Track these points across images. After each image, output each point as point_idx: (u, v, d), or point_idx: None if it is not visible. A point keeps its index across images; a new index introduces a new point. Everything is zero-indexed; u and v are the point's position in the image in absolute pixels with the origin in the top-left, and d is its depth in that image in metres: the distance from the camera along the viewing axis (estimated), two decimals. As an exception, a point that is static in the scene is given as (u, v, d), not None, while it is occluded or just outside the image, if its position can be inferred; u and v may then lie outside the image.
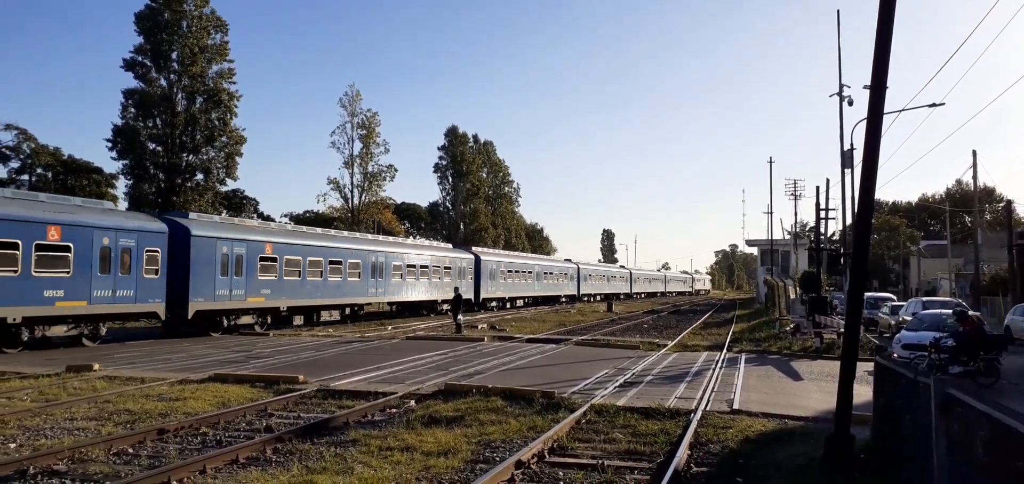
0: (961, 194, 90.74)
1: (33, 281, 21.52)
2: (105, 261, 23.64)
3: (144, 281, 25.09)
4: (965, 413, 6.62)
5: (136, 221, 25.97)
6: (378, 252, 38.39)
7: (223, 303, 28.27)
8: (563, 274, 70.17)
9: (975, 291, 46.90)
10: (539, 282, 62.13)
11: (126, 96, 52.55)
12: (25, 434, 10.82)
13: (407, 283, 40.85)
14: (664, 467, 9.15)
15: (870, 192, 9.58)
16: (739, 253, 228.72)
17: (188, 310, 26.59)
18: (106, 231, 23.94)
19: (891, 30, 9.19)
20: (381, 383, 16.09)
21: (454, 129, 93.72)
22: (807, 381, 18.40)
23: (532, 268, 61.66)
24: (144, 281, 25.09)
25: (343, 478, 8.56)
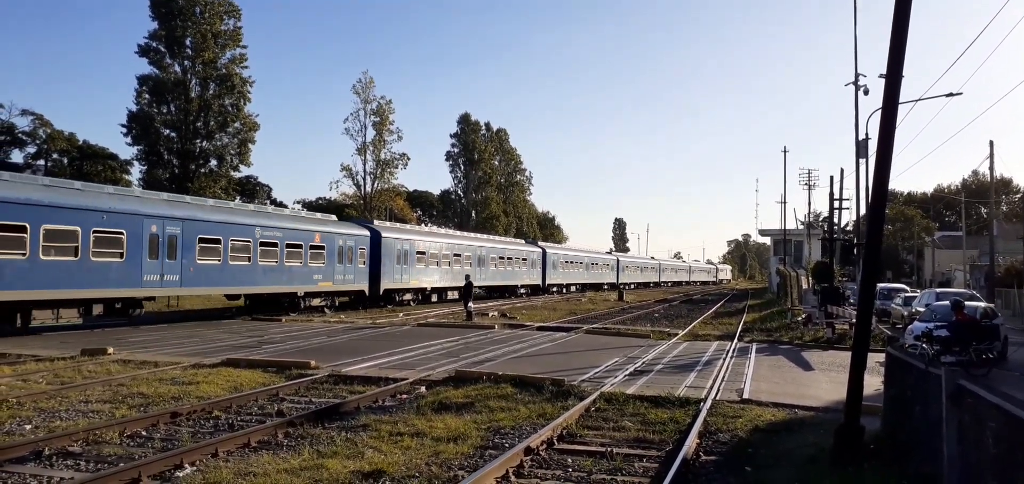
0: (977, 185, 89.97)
1: (308, 269, 33.18)
2: (341, 255, 35.42)
3: (360, 269, 36.82)
4: (976, 404, 6.60)
5: (357, 229, 38.32)
6: (482, 247, 49.97)
7: (397, 283, 39.78)
8: (606, 265, 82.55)
9: (990, 283, 46.55)
10: (587, 271, 73.66)
11: (140, 82, 52.93)
12: (41, 416, 10.97)
13: (500, 271, 51.77)
14: (673, 455, 9.16)
15: (884, 182, 9.51)
16: (752, 243, 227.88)
17: (380, 288, 37.82)
18: (348, 237, 36.50)
19: (908, 18, 9.10)
20: (392, 369, 16.18)
21: (466, 116, 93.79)
22: (818, 371, 18.35)
23: (583, 259, 74.11)
24: (360, 269, 36.82)
25: (354, 462, 8.63)
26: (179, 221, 26.39)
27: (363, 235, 37.58)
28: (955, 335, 17.84)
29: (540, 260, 51.28)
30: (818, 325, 27.68)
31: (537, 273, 49.83)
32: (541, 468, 8.81)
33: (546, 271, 53.19)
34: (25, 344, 19.28)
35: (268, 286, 30.85)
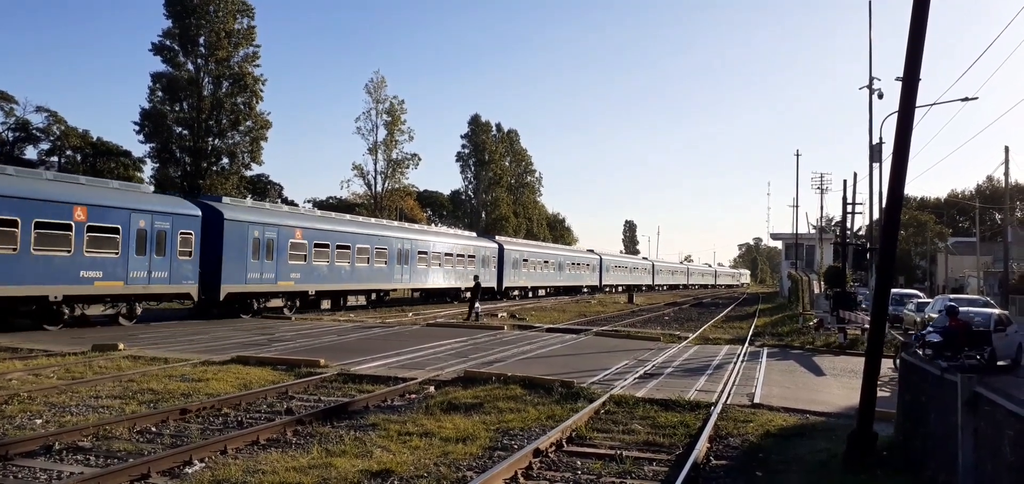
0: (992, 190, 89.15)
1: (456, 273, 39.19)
2: (486, 262, 37.38)
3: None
4: (993, 411, 6.51)
5: (487, 242, 37.37)
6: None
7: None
8: (644, 269, 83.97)
9: (1004, 289, 46.12)
10: (631, 274, 71.70)
11: (154, 79, 53.21)
12: (51, 410, 11.01)
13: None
14: (683, 459, 9.09)
15: (900, 187, 9.42)
16: (763, 246, 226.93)
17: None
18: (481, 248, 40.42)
19: (925, 22, 9.00)
20: (401, 369, 16.16)
21: (477, 117, 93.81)
22: (830, 377, 18.21)
23: (627, 264, 75.14)
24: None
25: (362, 461, 8.60)
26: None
27: (493, 247, 50.38)
28: (946, 340, 17.82)
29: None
30: (830, 330, 27.51)
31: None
32: (550, 470, 8.76)
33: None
34: (37, 339, 19.38)
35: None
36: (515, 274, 54.11)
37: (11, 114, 54.10)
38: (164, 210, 25.49)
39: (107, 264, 23.07)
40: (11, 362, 15.27)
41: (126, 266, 23.69)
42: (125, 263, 23.63)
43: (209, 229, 26.96)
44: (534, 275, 57.98)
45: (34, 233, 20.86)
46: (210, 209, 27.49)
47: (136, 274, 24.03)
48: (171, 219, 25.51)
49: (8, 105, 53.88)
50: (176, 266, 25.55)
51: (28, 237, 20.68)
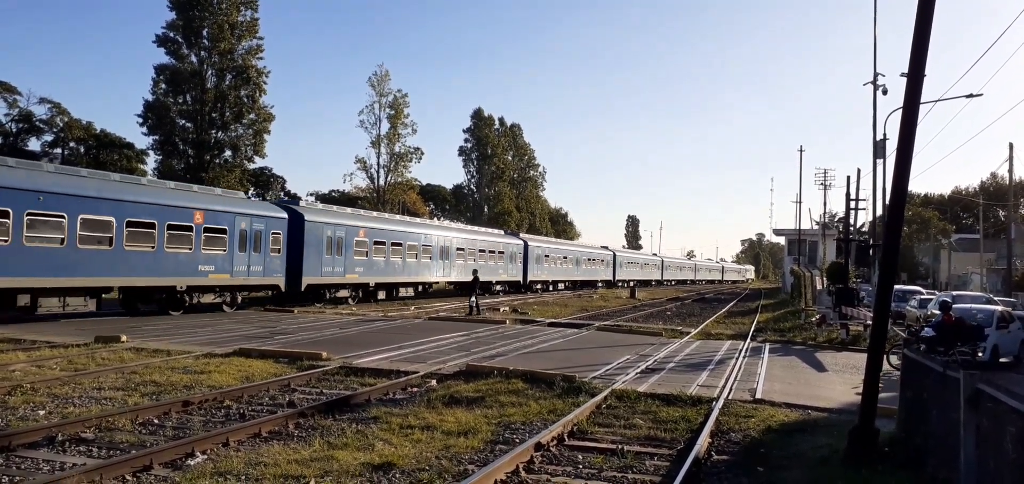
0: (995, 187, 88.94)
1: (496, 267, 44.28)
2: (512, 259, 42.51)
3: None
4: (995, 408, 6.50)
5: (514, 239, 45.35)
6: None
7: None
8: (654, 265, 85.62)
9: (1007, 286, 46.04)
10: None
11: (157, 72, 53.17)
12: (54, 402, 11.03)
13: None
14: (685, 454, 9.09)
15: (903, 183, 9.39)
16: (766, 242, 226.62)
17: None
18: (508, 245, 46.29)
19: (931, 18, 8.96)
20: (403, 362, 16.18)
21: (480, 111, 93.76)
22: (831, 373, 18.21)
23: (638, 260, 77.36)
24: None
25: (364, 454, 8.62)
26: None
27: (519, 244, 55.06)
28: (940, 335, 17.84)
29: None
30: (832, 326, 27.50)
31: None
32: (551, 464, 8.77)
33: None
34: (40, 330, 19.43)
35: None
36: (538, 269, 58.05)
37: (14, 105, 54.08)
38: (259, 214, 29.60)
39: (217, 260, 27.13)
40: (14, 353, 15.33)
41: (231, 261, 27.70)
42: (231, 259, 27.66)
43: (293, 230, 31.00)
44: (555, 270, 61.94)
45: (166, 234, 24.92)
46: (294, 213, 31.66)
47: (239, 268, 28.04)
48: (265, 222, 29.55)
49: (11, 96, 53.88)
50: (268, 261, 29.56)
51: (162, 237, 24.78)
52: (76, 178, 23.68)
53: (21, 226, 20.58)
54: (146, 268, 24.31)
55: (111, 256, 23.16)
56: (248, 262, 28.40)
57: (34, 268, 20.99)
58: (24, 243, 20.67)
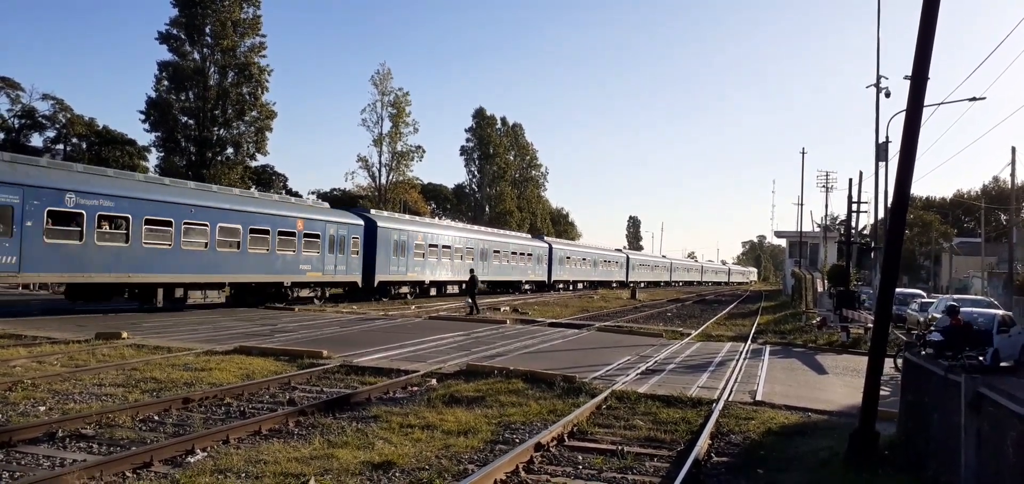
0: (997, 191, 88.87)
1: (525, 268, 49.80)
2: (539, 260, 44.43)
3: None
4: (996, 412, 6.49)
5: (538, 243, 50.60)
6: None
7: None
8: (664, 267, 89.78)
9: (1008, 290, 45.97)
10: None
11: (160, 68, 53.21)
12: (55, 398, 11.04)
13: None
14: (685, 455, 9.08)
15: (906, 186, 9.39)
16: (767, 244, 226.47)
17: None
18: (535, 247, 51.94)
19: (935, 21, 8.95)
20: (403, 361, 16.18)
21: (482, 111, 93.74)
22: (832, 375, 18.19)
23: (649, 262, 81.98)
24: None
25: (364, 453, 8.61)
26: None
27: (543, 247, 59.42)
28: (947, 340, 17.75)
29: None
30: (833, 329, 27.46)
31: (623, 272, 68.42)
32: (551, 464, 8.76)
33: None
34: (41, 326, 19.45)
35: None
36: (561, 270, 62.98)
37: (17, 101, 54.20)
38: (343, 221, 34.46)
39: (313, 260, 31.97)
40: (15, 349, 15.33)
41: (323, 262, 32.61)
42: (322, 260, 32.55)
43: (368, 235, 35.95)
44: (576, 271, 67.23)
45: (277, 239, 29.82)
46: (369, 220, 36.64)
47: (328, 267, 32.97)
48: (347, 228, 34.44)
49: (14, 92, 53.98)
50: (349, 261, 34.48)
51: (274, 242, 29.73)
52: (214, 194, 28.95)
53: (180, 234, 25.46)
54: (262, 267, 29.38)
55: (239, 257, 28.21)
56: (335, 262, 33.43)
57: (188, 267, 26.02)
58: (181, 247, 25.61)
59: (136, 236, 23.93)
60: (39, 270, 21.71)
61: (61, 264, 21.95)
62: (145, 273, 24.48)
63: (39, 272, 21.95)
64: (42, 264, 21.39)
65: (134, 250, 23.92)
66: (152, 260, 24.60)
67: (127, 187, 24.65)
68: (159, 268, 24.90)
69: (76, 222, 22.21)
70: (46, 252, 21.33)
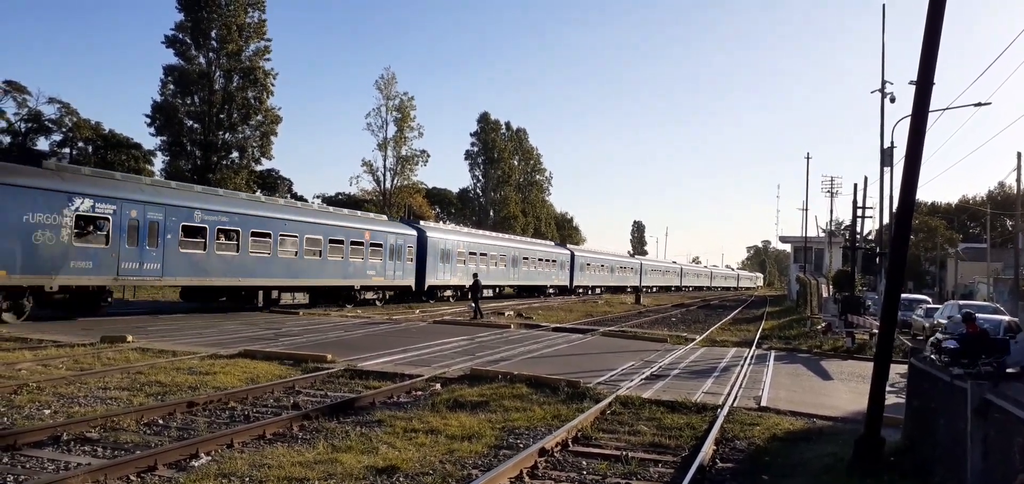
0: (1003, 196, 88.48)
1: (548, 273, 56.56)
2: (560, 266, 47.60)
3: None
4: (1003, 418, 6.45)
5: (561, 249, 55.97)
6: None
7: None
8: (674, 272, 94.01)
9: (1014, 296, 45.79)
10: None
11: (166, 72, 53.35)
12: (59, 401, 11.06)
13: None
14: (689, 461, 9.06)
15: (911, 192, 9.35)
16: (772, 249, 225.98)
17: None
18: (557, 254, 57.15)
19: (940, 26, 8.93)
20: (407, 365, 16.17)
21: (486, 116, 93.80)
22: (837, 381, 18.13)
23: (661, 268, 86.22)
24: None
25: (368, 457, 8.61)
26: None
27: (565, 254, 64.58)
28: (963, 347, 17.62)
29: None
30: (838, 334, 27.38)
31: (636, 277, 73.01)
32: (555, 470, 8.74)
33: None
34: (47, 330, 19.50)
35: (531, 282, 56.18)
36: (581, 275, 67.42)
37: (24, 105, 54.41)
38: (400, 232, 39.32)
39: (376, 266, 36.27)
40: (20, 352, 15.37)
41: (385, 268, 36.95)
42: (384, 266, 36.88)
43: (420, 244, 40.48)
44: (594, 276, 71.85)
45: (350, 248, 34.03)
46: (420, 231, 41.17)
47: (389, 273, 37.30)
48: (404, 238, 39.11)
49: (21, 96, 54.18)
50: (405, 267, 39.09)
51: (347, 251, 33.90)
52: (300, 209, 34.41)
53: (276, 244, 29.51)
54: (338, 273, 33.57)
55: (320, 264, 32.39)
56: (394, 269, 37.81)
57: (281, 273, 30.20)
58: (277, 256, 29.68)
59: (244, 246, 28.10)
60: (175, 275, 25.62)
61: (190, 270, 26.00)
62: (251, 278, 28.76)
63: (175, 276, 25.79)
64: (177, 270, 25.45)
65: (243, 258, 28.13)
66: (256, 267, 28.86)
67: (237, 204, 29.13)
68: (261, 274, 29.16)
69: (201, 235, 26.28)
70: (180, 260, 25.42)
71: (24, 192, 20.72)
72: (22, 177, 21.04)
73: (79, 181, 23.03)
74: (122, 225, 23.28)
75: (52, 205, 21.32)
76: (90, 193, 22.53)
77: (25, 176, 21.18)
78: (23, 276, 20.71)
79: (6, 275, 20.31)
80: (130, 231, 23.54)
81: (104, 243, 22.84)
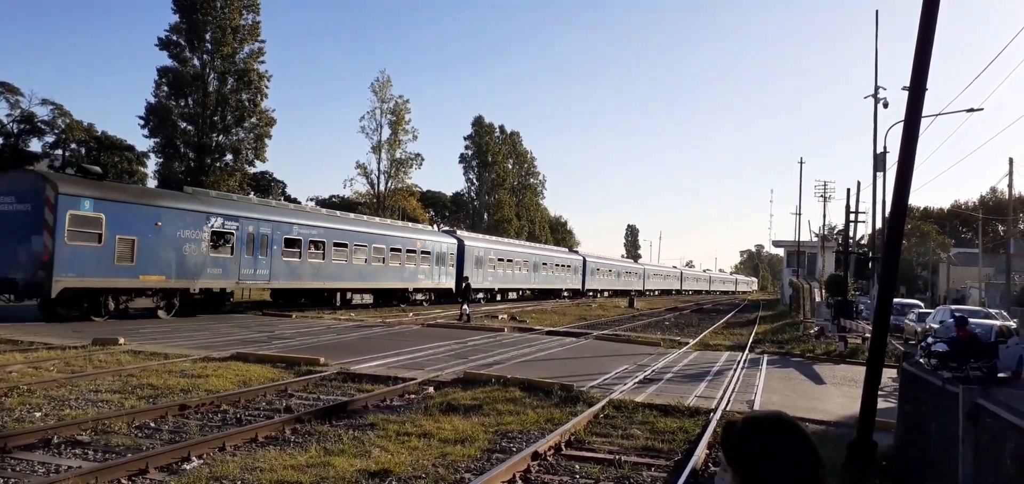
0: (995, 202, 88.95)
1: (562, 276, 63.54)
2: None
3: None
4: (994, 423, 6.47)
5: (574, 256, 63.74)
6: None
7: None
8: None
9: (1006, 301, 45.98)
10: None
11: (160, 74, 53.15)
12: (50, 404, 11.00)
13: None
14: (682, 465, 9.07)
15: (904, 197, 9.39)
16: (765, 253, 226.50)
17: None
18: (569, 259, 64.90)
19: (933, 33, 8.97)
20: (400, 368, 16.14)
21: (480, 119, 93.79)
22: (830, 385, 18.17)
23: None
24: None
25: (360, 461, 8.59)
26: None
27: (578, 260, 69.50)
28: (954, 350, 17.69)
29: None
30: (830, 338, 27.44)
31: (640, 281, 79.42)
32: (548, 473, 8.74)
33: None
34: (38, 332, 19.40)
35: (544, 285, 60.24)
36: (592, 279, 71.84)
37: (17, 106, 54.14)
38: (443, 241, 44.64)
39: (426, 271, 41.56)
40: (11, 354, 15.29)
41: (432, 273, 42.20)
42: (432, 271, 42.11)
43: (459, 252, 45.52)
44: (603, 280, 76.46)
45: (405, 255, 39.45)
46: (459, 240, 46.45)
47: (435, 277, 42.18)
48: (447, 246, 44.32)
49: (14, 97, 53.92)
50: (449, 272, 43.90)
51: (401, 257, 39.08)
52: (365, 221, 39.67)
53: (351, 253, 34.83)
54: (396, 277, 39.00)
55: (382, 269, 37.55)
56: (440, 274, 42.88)
57: (353, 277, 35.50)
58: (351, 263, 34.95)
59: (328, 256, 33.24)
60: (278, 279, 30.71)
61: (289, 275, 31.22)
62: (332, 282, 34.02)
63: (279, 281, 30.88)
64: (280, 275, 30.64)
65: (327, 265, 33.24)
66: (336, 272, 33.97)
67: (322, 219, 34.79)
68: (339, 278, 34.30)
69: (297, 246, 31.36)
70: (282, 266, 30.55)
71: (179, 213, 25.70)
72: (177, 202, 26.32)
73: (211, 203, 28.13)
74: (242, 239, 28.27)
75: (196, 223, 26.30)
76: (220, 213, 27.50)
77: (179, 200, 26.52)
78: (177, 280, 25.66)
79: (165, 279, 25.18)
80: (248, 243, 28.55)
81: (230, 253, 27.76)
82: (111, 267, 23.38)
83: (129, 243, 23.81)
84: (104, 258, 23.16)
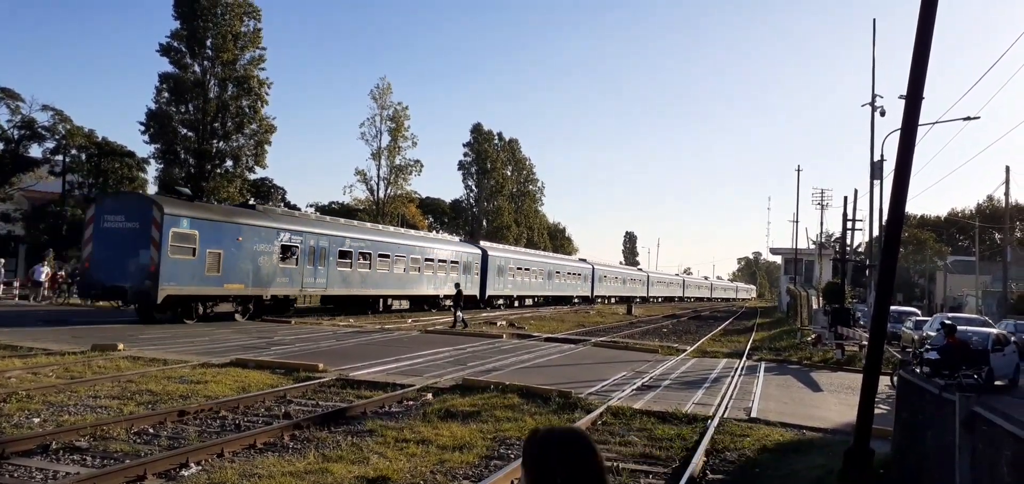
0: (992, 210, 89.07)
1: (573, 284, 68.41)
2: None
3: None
4: (991, 431, 6.50)
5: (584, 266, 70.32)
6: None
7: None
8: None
9: (1003, 309, 46.06)
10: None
11: (161, 80, 53.10)
12: (49, 409, 11.00)
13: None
14: (680, 473, 9.09)
15: (901, 205, 9.43)
16: (762, 261, 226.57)
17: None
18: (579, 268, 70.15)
19: (930, 41, 9.02)
20: (399, 375, 16.15)
21: (479, 126, 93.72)
22: (827, 393, 18.19)
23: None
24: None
25: (359, 467, 8.60)
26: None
27: (587, 268, 72.84)
28: (944, 358, 17.74)
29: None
30: (828, 346, 27.48)
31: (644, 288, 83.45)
32: (546, 480, 8.73)
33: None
34: (37, 337, 19.39)
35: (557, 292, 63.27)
36: (600, 286, 75.34)
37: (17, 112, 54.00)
38: (471, 251, 48.42)
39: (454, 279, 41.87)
40: (10, 360, 15.27)
41: (461, 279, 42.75)
42: (461, 277, 43.15)
43: (483, 261, 48.92)
44: (611, 287, 80.00)
45: (437, 265, 42.58)
46: (483, 250, 50.08)
47: (463, 284, 41.06)
48: (473, 256, 47.97)
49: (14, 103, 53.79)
50: (474, 280, 47.32)
51: (434, 268, 42.21)
52: (404, 233, 43.77)
53: (392, 264, 37.95)
54: (430, 285, 41.93)
55: (418, 278, 40.81)
56: (466, 281, 44.39)
57: (394, 285, 38.54)
58: (393, 272, 38.07)
59: (374, 266, 36.39)
60: (333, 287, 33.75)
61: (341, 284, 34.19)
62: (377, 289, 37.11)
63: (333, 288, 33.83)
64: (335, 283, 33.71)
65: (373, 274, 36.41)
66: (380, 281, 37.10)
67: (369, 232, 38.00)
68: (383, 286, 37.46)
69: (348, 257, 34.45)
70: (337, 276, 33.68)
71: (255, 229, 28.76)
72: (254, 219, 29.37)
73: (280, 219, 31.66)
74: (305, 251, 31.31)
75: (269, 238, 29.40)
76: (287, 228, 30.64)
77: (255, 218, 29.53)
78: (253, 288, 28.70)
79: (244, 287, 28.08)
80: (309, 255, 31.60)
81: (295, 264, 30.74)
82: (202, 277, 26.28)
83: (216, 256, 26.68)
84: (197, 269, 25.99)
